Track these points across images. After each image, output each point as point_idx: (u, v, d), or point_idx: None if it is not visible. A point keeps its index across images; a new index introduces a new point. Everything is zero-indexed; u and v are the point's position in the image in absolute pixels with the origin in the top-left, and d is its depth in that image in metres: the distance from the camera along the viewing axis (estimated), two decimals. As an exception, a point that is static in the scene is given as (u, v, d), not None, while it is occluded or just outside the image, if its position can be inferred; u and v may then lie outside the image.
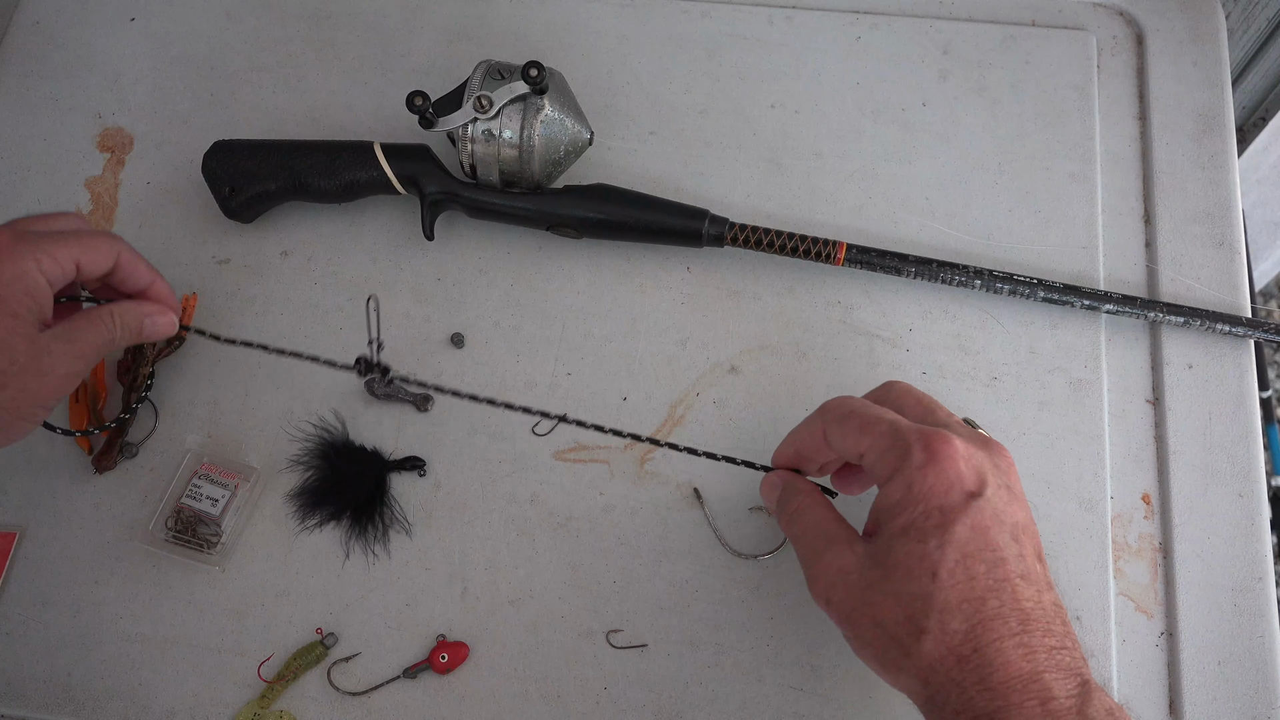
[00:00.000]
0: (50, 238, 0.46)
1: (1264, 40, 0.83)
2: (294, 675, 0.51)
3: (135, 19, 0.69)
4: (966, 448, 0.39)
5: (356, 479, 0.54)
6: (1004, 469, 0.40)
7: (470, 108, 0.55)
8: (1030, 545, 0.39)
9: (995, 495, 0.38)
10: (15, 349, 0.43)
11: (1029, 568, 0.38)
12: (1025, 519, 0.39)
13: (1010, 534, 0.38)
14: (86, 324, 0.47)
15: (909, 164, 0.63)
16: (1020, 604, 0.37)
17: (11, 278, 0.43)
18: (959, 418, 0.43)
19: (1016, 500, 0.40)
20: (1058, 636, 0.37)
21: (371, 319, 0.52)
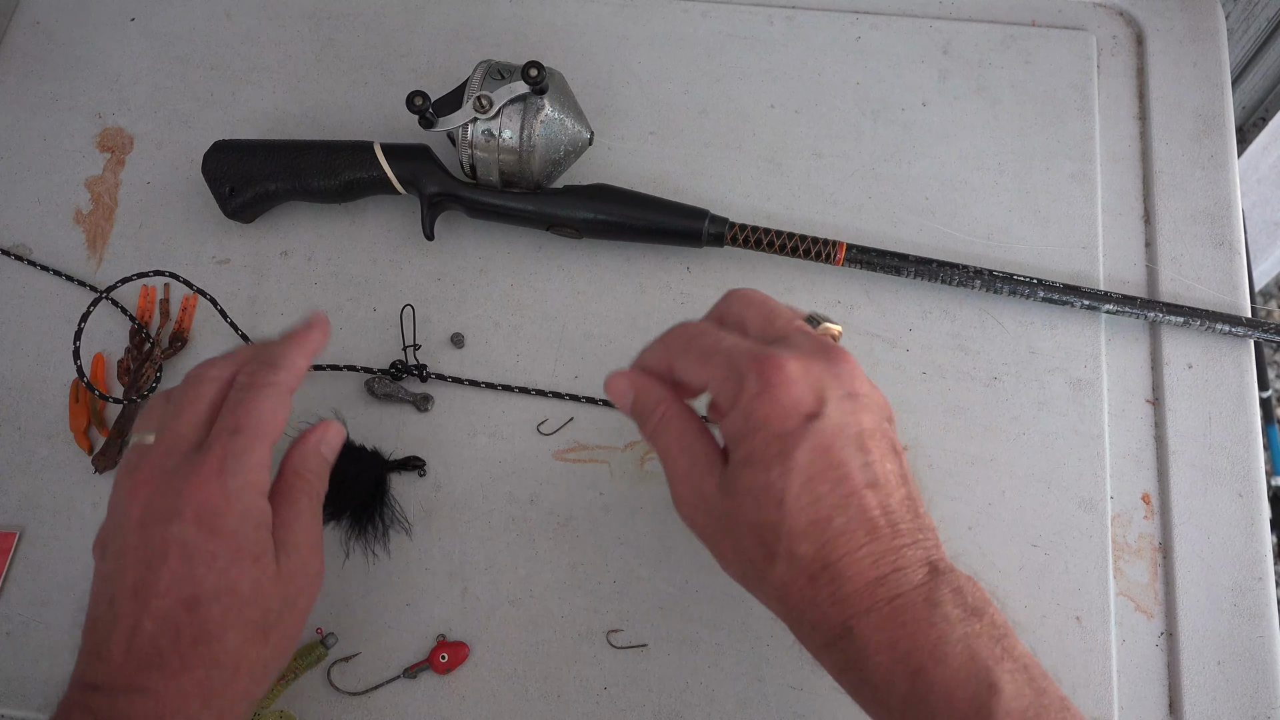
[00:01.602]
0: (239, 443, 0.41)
1: (1264, 40, 0.83)
2: (294, 675, 0.51)
3: (135, 19, 0.69)
4: (801, 366, 0.38)
5: (356, 479, 0.54)
6: (845, 375, 0.39)
7: (470, 108, 0.55)
8: (880, 446, 0.39)
9: (835, 410, 0.38)
10: (268, 597, 0.40)
11: (877, 473, 0.38)
12: (873, 422, 0.39)
13: (855, 444, 0.38)
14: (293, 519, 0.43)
15: (909, 164, 0.63)
16: (868, 513, 0.37)
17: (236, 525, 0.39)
18: (800, 319, 0.42)
19: (861, 405, 0.39)
20: (907, 533, 0.38)
21: (407, 326, 0.58)
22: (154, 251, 0.62)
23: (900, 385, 0.57)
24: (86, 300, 0.59)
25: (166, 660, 0.38)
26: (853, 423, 0.38)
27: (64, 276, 0.61)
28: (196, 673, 0.38)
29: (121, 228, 0.63)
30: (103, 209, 0.63)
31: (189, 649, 0.38)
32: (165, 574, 0.38)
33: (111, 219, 0.63)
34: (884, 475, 0.38)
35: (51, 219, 0.63)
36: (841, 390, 0.38)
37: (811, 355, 0.39)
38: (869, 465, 0.38)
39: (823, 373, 0.38)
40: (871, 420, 0.39)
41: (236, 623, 0.39)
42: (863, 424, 0.38)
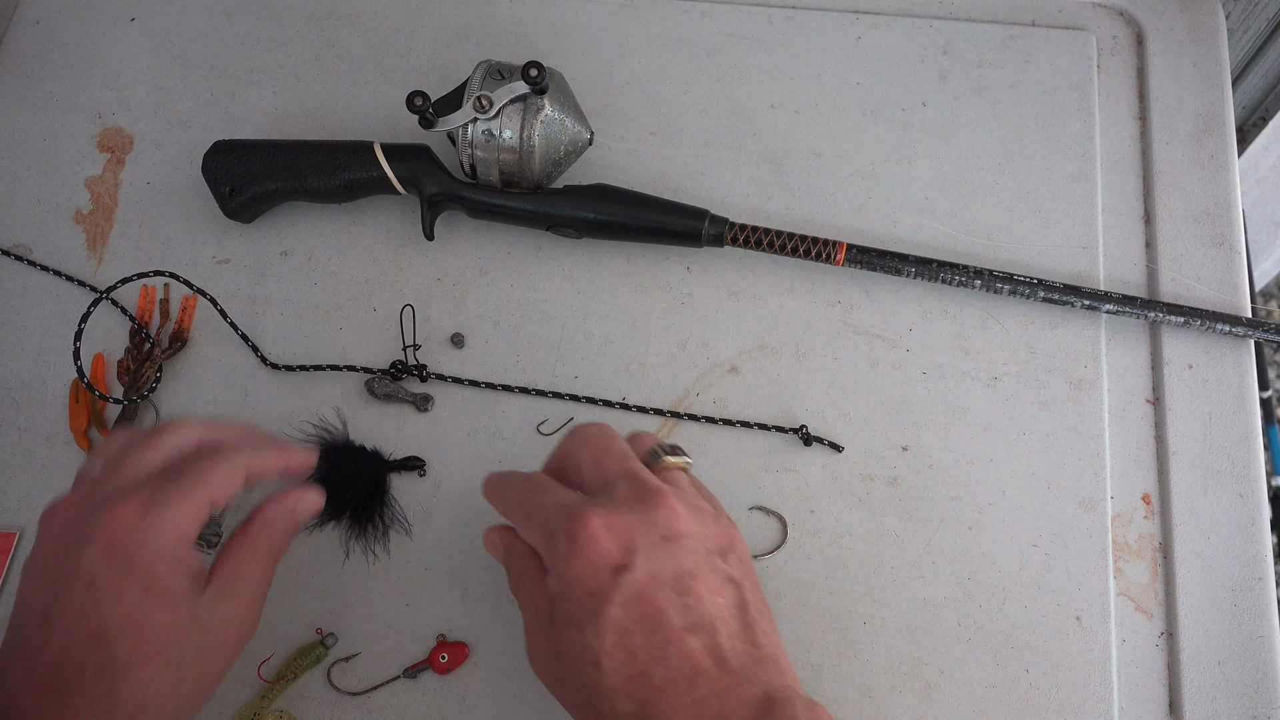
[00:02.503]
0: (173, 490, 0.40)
1: (1264, 40, 0.83)
2: (294, 675, 0.51)
3: (135, 19, 0.69)
4: (608, 520, 0.38)
5: (356, 479, 0.54)
6: (661, 519, 0.39)
7: (470, 108, 0.55)
8: (706, 583, 0.38)
9: (646, 558, 0.37)
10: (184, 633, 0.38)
11: (700, 614, 0.37)
12: (694, 560, 0.38)
13: (673, 588, 0.37)
14: (242, 564, 0.42)
15: (909, 164, 0.63)
16: (690, 659, 0.36)
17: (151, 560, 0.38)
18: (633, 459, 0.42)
19: (680, 546, 0.38)
20: (739, 669, 0.36)
21: (407, 326, 0.58)
22: (154, 251, 0.62)
23: (900, 385, 0.57)
24: (86, 300, 0.59)
25: (68, 693, 0.36)
26: (668, 568, 0.37)
27: (64, 276, 0.61)
28: (96, 708, 0.37)
29: (121, 228, 0.63)
30: (103, 209, 0.63)
31: (91, 684, 0.37)
32: (71, 603, 0.37)
33: (111, 219, 0.63)
34: (710, 613, 0.37)
35: (51, 219, 0.63)
36: (654, 536, 0.38)
37: (624, 504, 0.39)
38: (689, 608, 0.37)
39: (633, 522, 0.38)
40: (693, 559, 0.38)
41: (144, 662, 0.37)
42: (681, 566, 0.38)
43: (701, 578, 0.38)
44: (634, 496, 0.39)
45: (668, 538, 0.38)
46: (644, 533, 0.38)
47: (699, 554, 0.39)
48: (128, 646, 0.37)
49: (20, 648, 0.37)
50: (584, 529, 0.38)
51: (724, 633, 0.37)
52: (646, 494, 0.39)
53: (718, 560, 0.39)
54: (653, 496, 0.39)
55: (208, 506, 0.41)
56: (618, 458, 0.42)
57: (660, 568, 0.37)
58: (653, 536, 0.38)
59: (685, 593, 0.37)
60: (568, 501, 0.40)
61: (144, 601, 0.38)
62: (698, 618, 0.37)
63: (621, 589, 0.37)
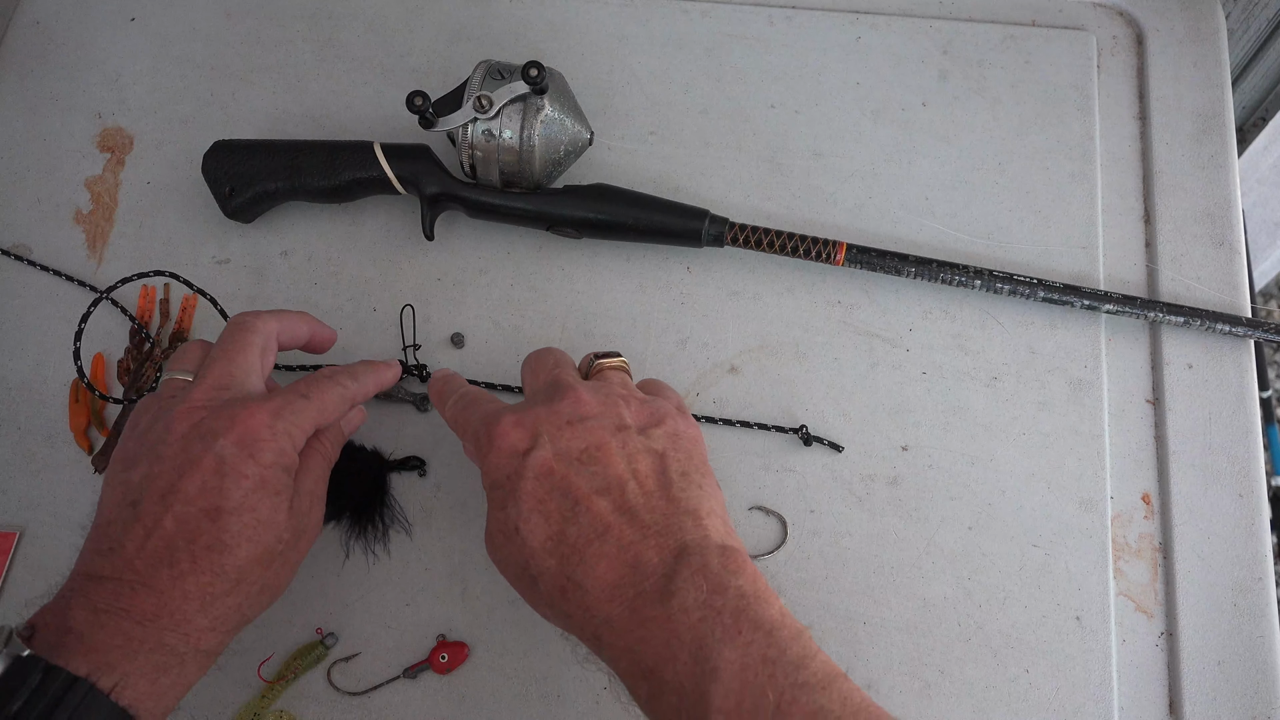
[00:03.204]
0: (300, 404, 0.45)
1: (1264, 40, 0.83)
2: (294, 675, 0.51)
3: (135, 19, 0.69)
4: (516, 418, 0.42)
5: (356, 479, 0.54)
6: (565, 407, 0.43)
7: (470, 108, 0.55)
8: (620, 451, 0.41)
9: (550, 440, 0.41)
10: (280, 528, 0.43)
11: (610, 477, 0.40)
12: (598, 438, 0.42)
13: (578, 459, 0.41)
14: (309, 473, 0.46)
15: (909, 164, 0.63)
16: (599, 516, 0.39)
17: (272, 460, 0.43)
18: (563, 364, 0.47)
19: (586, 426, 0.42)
20: (651, 524, 0.39)
21: (406, 326, 0.58)
22: (154, 251, 0.62)
23: (900, 385, 0.57)
24: (86, 300, 0.59)
25: (178, 560, 0.40)
26: (574, 444, 0.41)
27: (64, 276, 0.61)
28: (203, 577, 0.40)
29: (121, 228, 0.63)
30: (103, 209, 0.63)
31: (201, 554, 0.40)
32: (196, 480, 0.41)
33: (111, 219, 0.63)
34: (618, 476, 0.40)
35: (51, 219, 0.63)
36: (559, 421, 0.42)
37: (532, 404, 0.44)
38: (594, 474, 0.40)
39: (539, 415, 0.43)
40: (599, 435, 0.42)
41: (249, 541, 0.41)
42: (588, 440, 0.41)
43: (609, 449, 0.41)
44: (546, 396, 0.44)
45: (572, 421, 0.42)
46: (549, 420, 0.42)
47: (606, 430, 0.42)
48: (239, 525, 0.41)
49: (135, 521, 0.41)
50: (495, 426, 0.42)
51: (633, 492, 0.40)
52: (556, 392, 0.44)
53: (634, 434, 0.42)
54: (561, 392, 0.44)
55: (318, 423, 0.46)
56: (548, 368, 0.47)
57: (565, 445, 0.41)
58: (558, 422, 0.42)
59: (591, 462, 0.41)
60: (488, 410, 0.45)
61: (258, 489, 0.42)
62: (605, 481, 0.40)
63: (530, 466, 0.41)
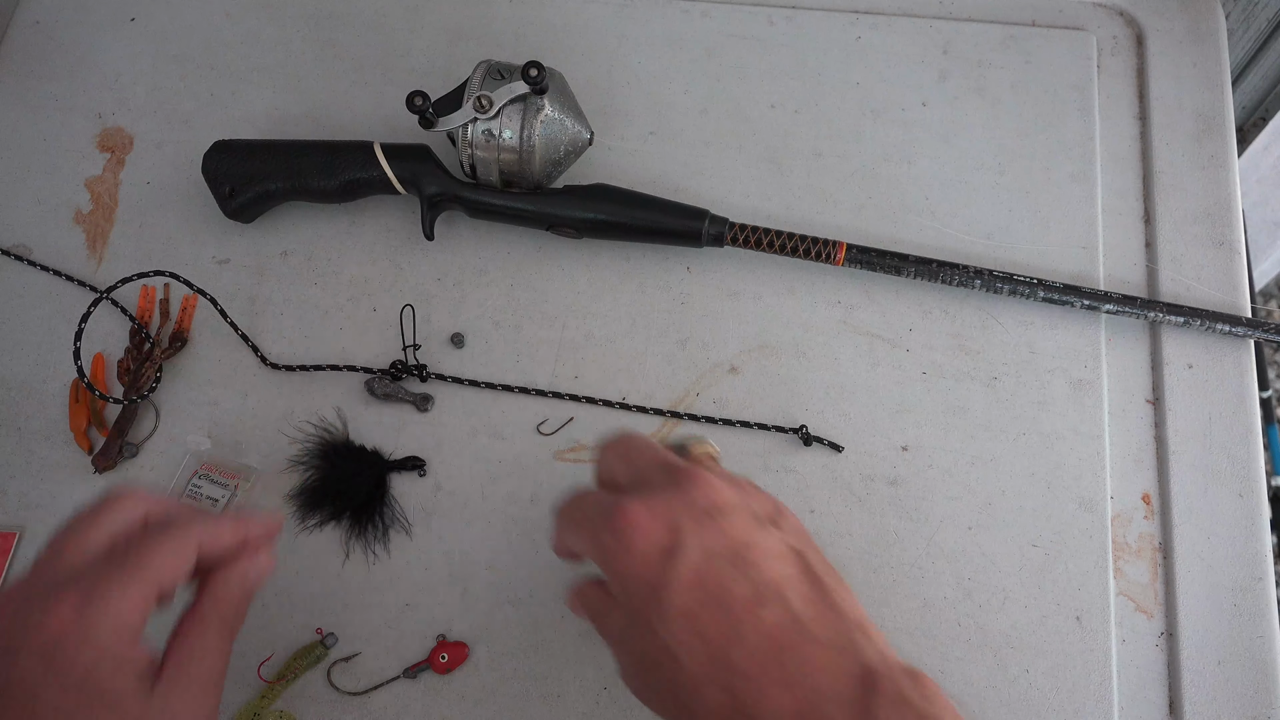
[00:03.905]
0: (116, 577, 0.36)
1: (1264, 40, 0.83)
2: (294, 675, 0.51)
3: (135, 19, 0.69)
4: (646, 505, 0.36)
5: (356, 479, 0.54)
6: (699, 494, 0.37)
7: (470, 108, 0.55)
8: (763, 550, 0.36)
9: (694, 536, 0.35)
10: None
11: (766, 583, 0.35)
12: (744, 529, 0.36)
13: (730, 561, 0.35)
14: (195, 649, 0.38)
15: (909, 164, 0.63)
16: (768, 634, 0.34)
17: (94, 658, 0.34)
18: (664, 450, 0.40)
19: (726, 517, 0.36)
20: (824, 639, 0.34)
21: (407, 326, 0.58)
22: (154, 251, 0.62)
23: (900, 385, 0.57)
24: (86, 300, 0.59)
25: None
26: (720, 541, 0.35)
27: (64, 276, 0.61)
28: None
29: (121, 228, 0.63)
30: (103, 209, 0.63)
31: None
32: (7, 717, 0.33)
33: (111, 219, 0.63)
34: (776, 581, 0.35)
35: (51, 219, 0.63)
36: (697, 512, 0.36)
37: (659, 489, 0.37)
38: (751, 579, 0.35)
39: (671, 502, 0.36)
40: (743, 529, 0.36)
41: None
42: (733, 538, 0.35)
43: (757, 546, 0.36)
44: (668, 480, 0.38)
45: (710, 512, 0.36)
46: (686, 510, 0.36)
47: (748, 523, 0.36)
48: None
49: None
50: (624, 517, 0.36)
51: (796, 600, 0.35)
52: (679, 475, 0.38)
53: (770, 528, 0.37)
54: (684, 475, 0.37)
55: (155, 593, 0.37)
56: (645, 451, 0.40)
57: (711, 542, 0.35)
58: (695, 512, 0.36)
59: (744, 564, 0.35)
60: (604, 499, 0.38)
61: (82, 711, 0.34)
62: (764, 588, 0.34)
63: (677, 572, 0.34)
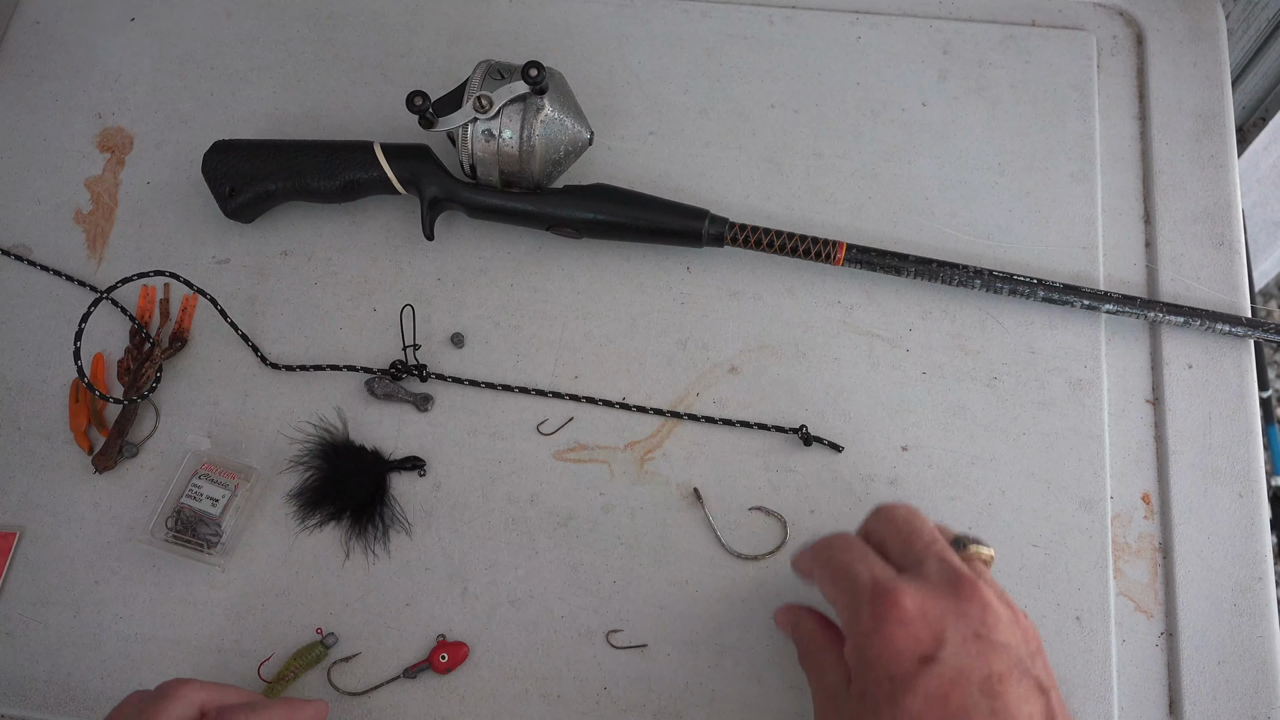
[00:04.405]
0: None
1: (1264, 40, 0.83)
2: (294, 675, 0.51)
3: (135, 19, 0.69)
4: (920, 603, 0.36)
5: (356, 479, 0.54)
6: (974, 613, 0.36)
7: (470, 108, 0.55)
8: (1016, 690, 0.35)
9: (955, 653, 0.35)
10: None
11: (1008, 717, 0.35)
12: (1005, 664, 0.36)
13: (980, 691, 0.35)
14: None
15: (909, 164, 0.63)
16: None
17: None
18: (942, 542, 0.40)
19: (991, 646, 0.36)
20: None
21: (406, 326, 0.58)
22: (154, 251, 0.62)
23: (900, 385, 0.57)
24: (86, 300, 0.59)
25: None
26: (978, 667, 0.35)
27: (64, 276, 0.61)
28: None
29: (121, 228, 0.63)
30: (103, 209, 0.63)
31: None
32: None
33: (111, 219, 0.63)
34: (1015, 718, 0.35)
35: (51, 219, 0.63)
36: (967, 630, 0.36)
37: (937, 589, 0.37)
38: (995, 713, 0.34)
39: (946, 611, 0.36)
40: (1004, 663, 0.35)
41: None
42: (991, 667, 0.35)
43: (1011, 683, 0.35)
44: (946, 581, 0.37)
45: (980, 635, 0.36)
46: (956, 625, 0.36)
47: (1010, 657, 0.36)
48: None
49: None
50: (895, 606, 0.36)
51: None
52: (960, 582, 0.37)
53: (1028, 664, 0.36)
54: (967, 586, 0.37)
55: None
56: (926, 538, 0.40)
57: (969, 665, 0.35)
58: (965, 631, 0.36)
59: (993, 697, 0.35)
60: (881, 574, 0.38)
61: None
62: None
63: (926, 680, 0.34)
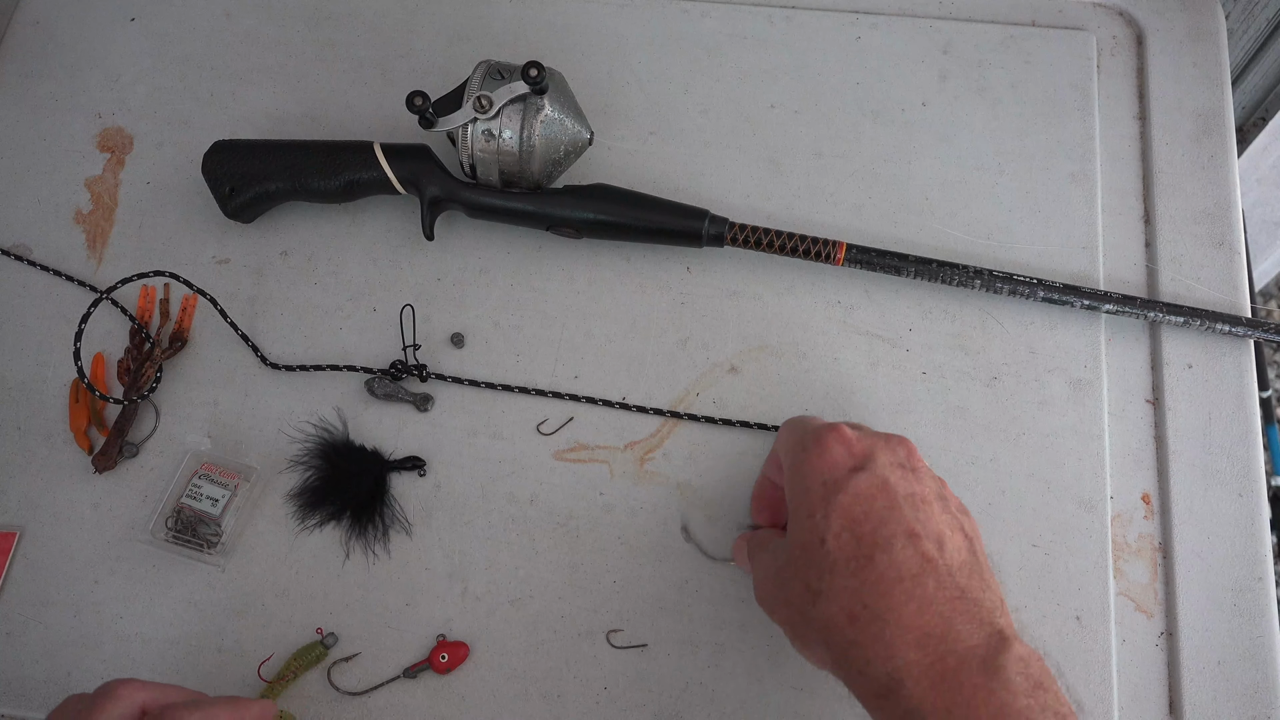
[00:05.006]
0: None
1: (1264, 40, 0.83)
2: (294, 675, 0.51)
3: (135, 19, 0.69)
4: (855, 434, 0.41)
5: (356, 479, 0.54)
6: (903, 452, 0.41)
7: (470, 108, 0.55)
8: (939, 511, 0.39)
9: (884, 466, 0.39)
10: None
11: (931, 526, 0.38)
12: (931, 491, 0.40)
13: (906, 499, 0.39)
14: None
15: (909, 164, 0.63)
16: (916, 556, 0.37)
17: None
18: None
19: (918, 477, 0.40)
20: (969, 593, 0.37)
21: (406, 326, 0.58)
22: (154, 251, 0.62)
23: (900, 385, 0.57)
24: (86, 300, 0.59)
25: None
26: (905, 484, 0.39)
27: (64, 276, 0.61)
28: None
29: (121, 228, 0.63)
30: (103, 209, 0.63)
31: None
32: None
33: (111, 219, 0.63)
34: (940, 531, 0.38)
35: (51, 219, 0.63)
36: (894, 459, 0.40)
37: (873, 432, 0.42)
38: (919, 518, 0.38)
39: (877, 441, 0.40)
40: (927, 490, 0.40)
41: None
42: (916, 489, 0.39)
43: (933, 506, 0.39)
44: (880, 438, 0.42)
45: (906, 466, 0.40)
46: (886, 453, 0.40)
47: (933, 490, 0.40)
48: None
49: None
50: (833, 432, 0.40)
51: (951, 550, 0.38)
52: (891, 439, 0.42)
53: (953, 509, 0.40)
54: (896, 441, 0.42)
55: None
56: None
57: (895, 480, 0.39)
58: (893, 459, 0.40)
59: (917, 507, 0.38)
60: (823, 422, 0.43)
61: None
62: (928, 529, 0.38)
63: (856, 481, 0.38)
